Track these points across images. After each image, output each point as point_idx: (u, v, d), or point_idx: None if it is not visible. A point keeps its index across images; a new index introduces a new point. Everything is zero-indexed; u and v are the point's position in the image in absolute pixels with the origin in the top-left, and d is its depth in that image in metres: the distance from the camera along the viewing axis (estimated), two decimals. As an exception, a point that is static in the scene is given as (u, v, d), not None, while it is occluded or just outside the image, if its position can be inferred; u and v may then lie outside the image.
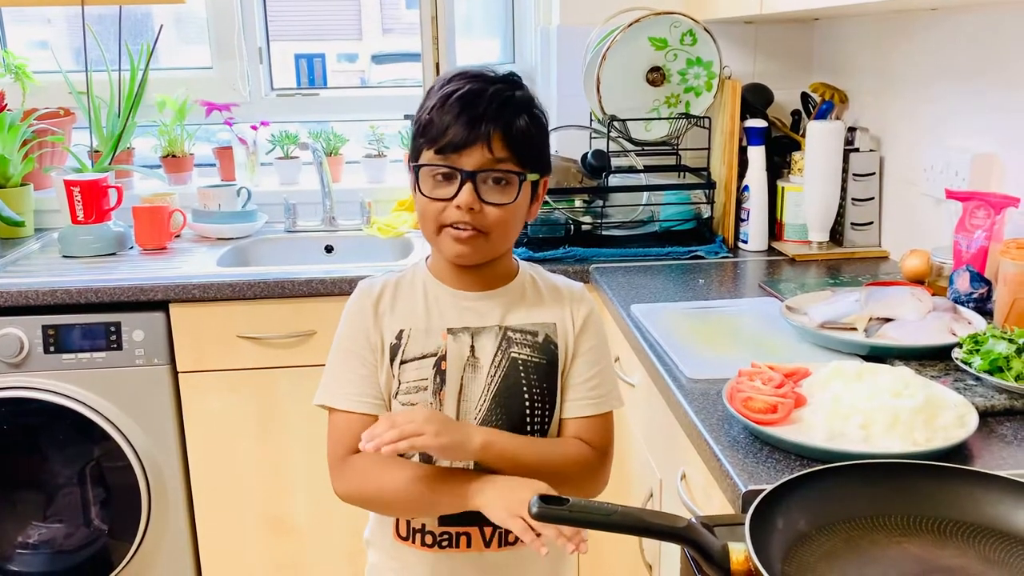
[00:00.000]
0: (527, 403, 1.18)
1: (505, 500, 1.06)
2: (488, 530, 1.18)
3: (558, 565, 1.29)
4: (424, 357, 1.16)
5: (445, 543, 1.20)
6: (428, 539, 1.20)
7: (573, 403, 1.21)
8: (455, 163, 1.09)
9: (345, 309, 1.22)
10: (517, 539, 1.13)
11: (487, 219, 1.11)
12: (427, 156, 1.11)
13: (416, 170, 1.13)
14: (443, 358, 1.16)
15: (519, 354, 1.18)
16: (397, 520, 1.21)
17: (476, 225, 1.11)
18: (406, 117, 2.70)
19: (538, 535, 1.03)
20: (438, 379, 1.16)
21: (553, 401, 1.20)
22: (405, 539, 1.21)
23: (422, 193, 1.12)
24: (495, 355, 1.17)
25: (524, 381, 1.18)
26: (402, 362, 1.17)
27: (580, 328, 1.21)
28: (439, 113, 1.10)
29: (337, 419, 1.18)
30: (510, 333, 1.19)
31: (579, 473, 1.18)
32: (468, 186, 1.09)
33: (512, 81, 1.15)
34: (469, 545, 1.20)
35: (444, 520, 1.18)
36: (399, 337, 1.17)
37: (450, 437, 1.07)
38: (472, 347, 1.17)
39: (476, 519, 1.14)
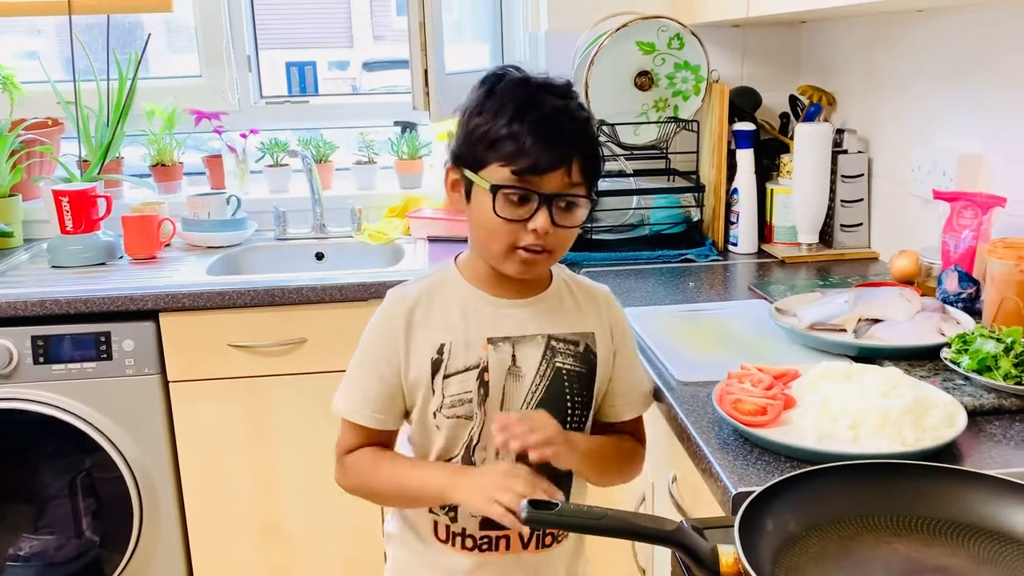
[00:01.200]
0: (568, 411, 1.20)
1: (479, 488, 1.08)
2: (526, 531, 1.20)
3: (577, 562, 1.31)
4: (467, 370, 1.15)
5: (485, 546, 1.21)
6: (468, 542, 1.21)
7: (622, 407, 1.26)
8: (535, 186, 1.07)
9: (376, 316, 1.19)
10: (552, 540, 1.22)
11: (555, 240, 1.11)
12: (501, 175, 1.07)
13: (494, 191, 1.08)
14: (486, 369, 1.15)
15: (563, 364, 1.19)
16: (435, 522, 1.21)
17: (546, 246, 1.11)
18: (396, 123, 2.70)
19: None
20: (482, 391, 1.15)
21: (589, 407, 1.23)
22: (445, 541, 1.21)
23: (498, 214, 1.08)
24: (540, 364, 1.18)
25: (568, 390, 1.20)
26: (445, 376, 1.15)
27: (618, 337, 1.25)
28: (518, 130, 1.06)
29: (348, 425, 1.20)
30: (554, 343, 1.18)
31: (632, 466, 1.27)
32: (544, 210, 1.08)
33: (576, 94, 1.13)
34: (508, 547, 1.21)
35: (485, 524, 1.19)
36: (440, 351, 1.15)
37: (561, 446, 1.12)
38: (514, 356, 1.16)
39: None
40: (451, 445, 1.18)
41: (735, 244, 2.17)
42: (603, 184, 2.23)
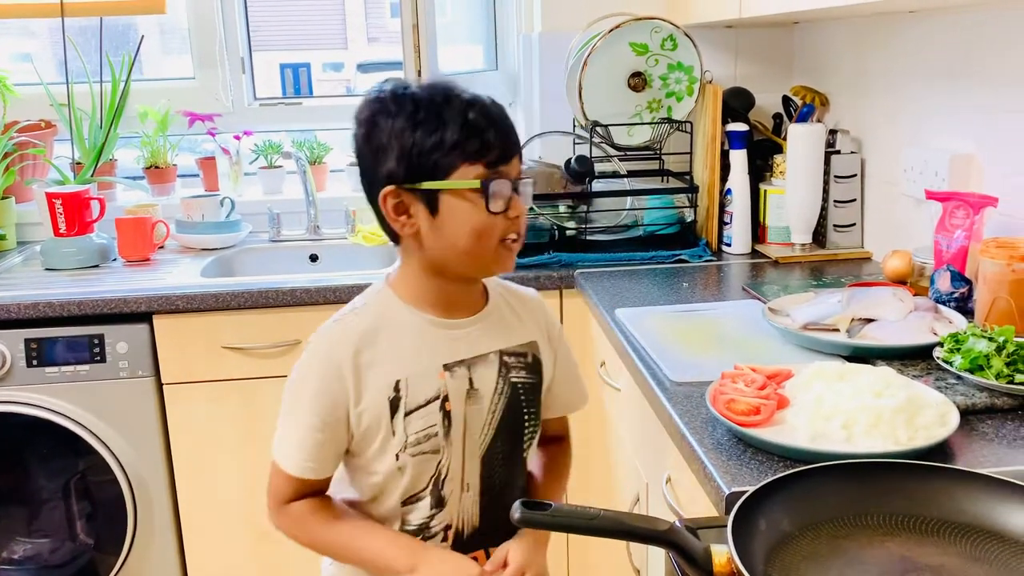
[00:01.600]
0: (525, 425, 1.19)
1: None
2: (493, 551, 1.18)
3: None
4: (429, 403, 1.10)
5: None
6: None
7: (562, 403, 1.26)
8: (506, 174, 1.07)
9: (310, 360, 1.11)
10: None
11: (523, 227, 1.12)
12: (473, 172, 1.05)
13: (485, 187, 1.05)
14: (447, 399, 1.11)
15: (517, 378, 1.17)
16: None
17: (521, 232, 1.11)
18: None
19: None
20: (446, 422, 1.11)
21: (539, 416, 1.21)
22: None
23: (492, 211, 1.06)
24: (496, 383, 1.15)
25: (524, 404, 1.18)
26: (406, 414, 1.09)
27: (555, 338, 1.24)
28: (476, 125, 1.05)
29: (280, 471, 1.14)
30: (506, 358, 1.16)
31: (568, 477, 1.29)
32: (517, 196, 1.08)
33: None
34: None
35: (457, 546, 1.17)
36: (397, 389, 1.09)
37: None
38: (471, 379, 1.13)
39: (485, 541, 1.18)
40: (416, 483, 1.13)
41: (729, 244, 2.17)
42: (597, 185, 2.24)
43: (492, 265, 1.11)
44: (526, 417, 1.18)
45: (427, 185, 1.05)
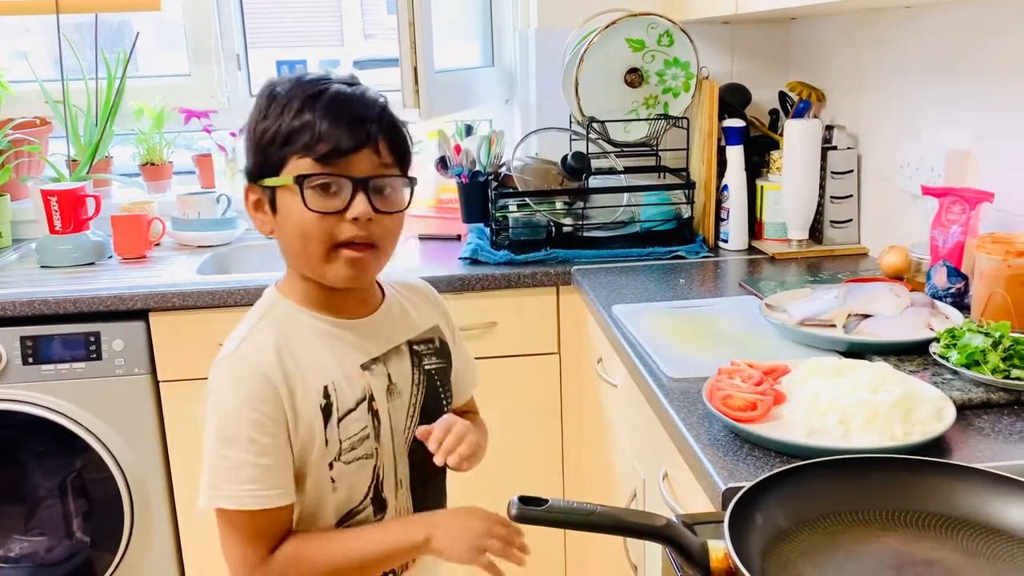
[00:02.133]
0: (444, 409, 1.19)
1: (461, 536, 1.05)
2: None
3: None
4: (358, 405, 1.07)
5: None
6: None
7: (465, 388, 1.26)
8: (344, 171, 1.00)
9: (237, 383, 1.01)
10: None
11: (381, 230, 1.03)
12: (303, 166, 0.99)
13: (300, 183, 0.99)
14: (372, 398, 1.08)
15: (430, 364, 1.16)
16: None
17: (371, 238, 1.02)
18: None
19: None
20: (375, 422, 1.09)
21: (452, 398, 1.22)
22: None
23: (310, 208, 0.99)
24: (412, 374, 1.14)
25: (440, 389, 1.18)
26: (340, 419, 1.05)
27: (452, 323, 1.24)
28: (311, 117, 0.99)
29: (241, 520, 1.04)
30: (416, 347, 1.15)
31: (486, 437, 1.23)
32: (361, 195, 1.00)
33: (364, 85, 1.06)
34: (405, 568, 1.17)
35: None
36: (326, 395, 1.04)
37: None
38: (389, 375, 1.11)
39: None
40: (353, 495, 1.09)
41: (725, 241, 2.17)
42: (594, 181, 2.24)
43: (327, 272, 1.03)
44: (444, 402, 1.19)
45: (266, 182, 1.03)
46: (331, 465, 1.06)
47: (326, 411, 1.04)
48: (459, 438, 1.08)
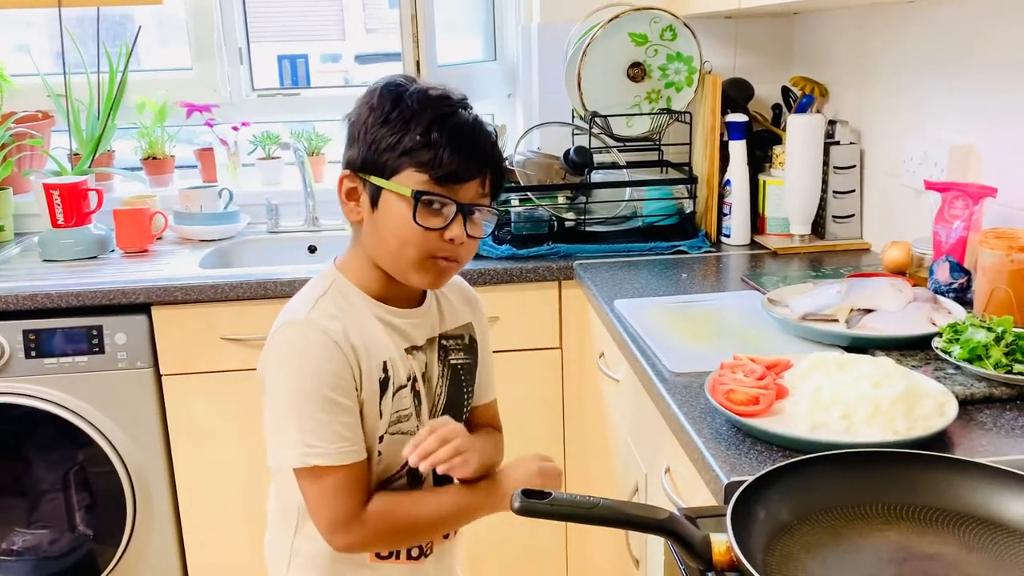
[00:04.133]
0: (465, 405, 1.27)
1: (524, 482, 1.18)
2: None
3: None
4: (407, 382, 1.16)
5: (417, 553, 1.23)
6: (415, 552, 1.22)
7: (486, 391, 1.32)
8: (454, 195, 1.09)
9: (310, 346, 1.09)
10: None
11: (465, 251, 1.13)
12: (418, 180, 1.08)
13: (417, 197, 1.07)
14: (416, 379, 1.18)
15: (456, 359, 1.24)
16: None
17: (457, 256, 1.13)
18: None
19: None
20: (416, 401, 1.18)
21: (475, 392, 1.29)
22: (386, 558, 1.20)
23: (418, 223, 1.08)
24: (438, 367, 1.21)
25: (464, 385, 1.26)
26: (393, 393, 1.14)
27: (485, 322, 1.31)
28: (438, 139, 1.07)
29: (339, 477, 1.09)
30: (444, 341, 1.23)
31: (500, 459, 1.30)
32: (460, 220, 1.09)
33: (476, 110, 1.16)
34: (432, 550, 1.24)
35: None
36: (385, 369, 1.13)
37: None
38: (426, 363, 1.20)
39: None
40: (391, 464, 1.17)
41: (728, 235, 2.17)
42: (596, 176, 2.24)
43: (412, 276, 1.13)
44: (466, 396, 1.27)
45: (373, 179, 1.10)
46: (381, 438, 1.14)
47: (383, 384, 1.13)
48: (441, 441, 1.11)
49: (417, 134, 1.07)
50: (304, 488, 1.12)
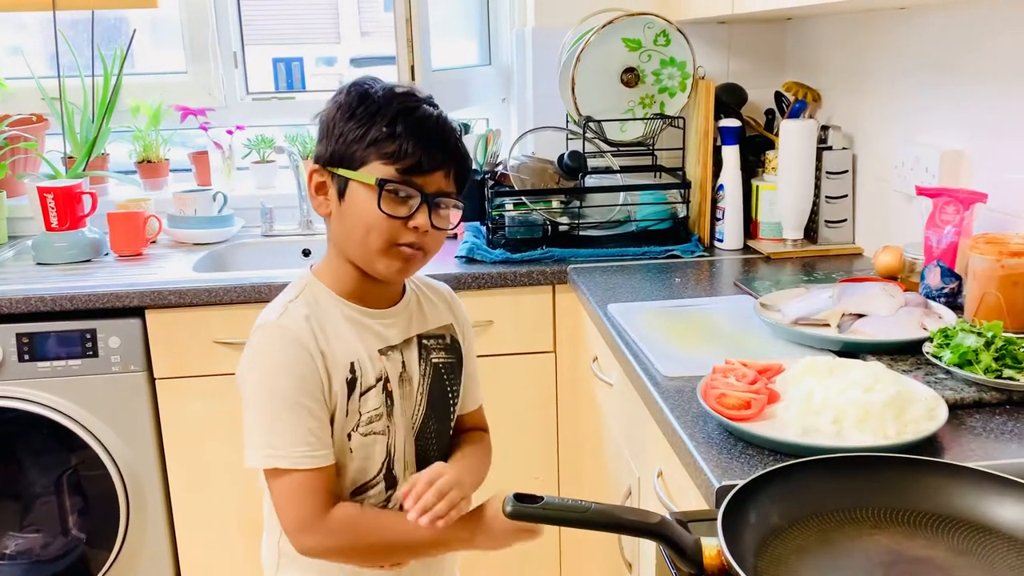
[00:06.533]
0: (450, 404, 1.28)
1: (496, 539, 1.18)
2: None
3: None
4: (377, 383, 1.17)
5: None
6: None
7: (472, 395, 1.33)
8: (418, 184, 1.11)
9: (279, 349, 1.11)
10: None
11: (431, 241, 1.15)
12: (384, 171, 1.10)
13: (381, 186, 1.10)
14: (388, 380, 1.18)
15: (438, 359, 1.25)
16: None
17: (424, 245, 1.14)
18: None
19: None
20: (388, 402, 1.18)
21: (459, 396, 1.30)
22: None
23: (382, 210, 1.10)
24: (420, 366, 1.22)
25: (448, 384, 1.27)
26: (361, 393, 1.16)
27: (467, 326, 1.32)
28: (402, 131, 1.10)
29: (299, 479, 1.10)
30: (424, 340, 1.24)
31: (488, 465, 1.32)
32: (425, 209, 1.12)
33: (440, 108, 1.17)
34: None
35: None
36: (352, 370, 1.15)
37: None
38: (403, 363, 1.21)
39: None
40: (367, 466, 1.18)
41: (721, 240, 2.18)
42: (590, 180, 2.24)
43: (378, 264, 1.14)
44: (451, 396, 1.28)
45: (340, 172, 1.13)
46: (349, 436, 1.16)
47: (351, 384, 1.14)
48: (440, 494, 1.12)
49: (383, 126, 1.10)
50: (270, 488, 1.15)
